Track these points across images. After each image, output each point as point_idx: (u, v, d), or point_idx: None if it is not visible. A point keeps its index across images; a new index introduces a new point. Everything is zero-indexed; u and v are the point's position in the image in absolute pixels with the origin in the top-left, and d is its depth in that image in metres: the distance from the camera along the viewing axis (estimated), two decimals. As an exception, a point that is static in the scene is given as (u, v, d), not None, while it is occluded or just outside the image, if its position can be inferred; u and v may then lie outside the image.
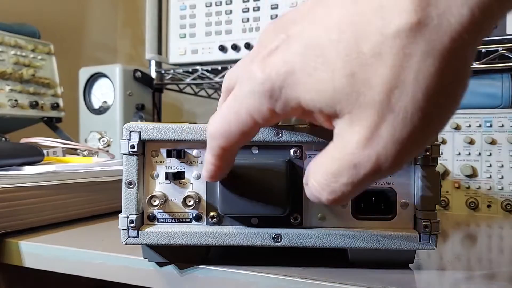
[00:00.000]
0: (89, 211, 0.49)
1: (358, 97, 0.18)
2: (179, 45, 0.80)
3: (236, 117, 0.22)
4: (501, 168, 0.56)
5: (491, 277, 0.30)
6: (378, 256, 0.31)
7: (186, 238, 0.30)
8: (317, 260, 0.32)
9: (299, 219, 0.30)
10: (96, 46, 1.19)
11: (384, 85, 0.18)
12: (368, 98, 0.18)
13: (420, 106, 0.18)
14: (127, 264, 0.34)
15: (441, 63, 0.17)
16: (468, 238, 0.45)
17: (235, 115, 0.22)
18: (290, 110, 0.21)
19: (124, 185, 0.30)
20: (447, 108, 0.18)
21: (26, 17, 0.85)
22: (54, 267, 0.37)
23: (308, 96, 0.20)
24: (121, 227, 0.30)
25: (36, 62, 0.72)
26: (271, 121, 0.22)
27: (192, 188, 0.31)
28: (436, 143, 0.29)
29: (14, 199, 0.41)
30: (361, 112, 0.18)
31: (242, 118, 0.22)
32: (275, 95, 0.20)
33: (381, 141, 0.18)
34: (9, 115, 0.65)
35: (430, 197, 0.29)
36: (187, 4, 0.80)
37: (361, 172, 0.19)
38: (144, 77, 0.83)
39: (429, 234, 0.29)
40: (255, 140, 0.29)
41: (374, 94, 0.18)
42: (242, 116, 0.22)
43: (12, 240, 0.39)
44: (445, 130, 0.59)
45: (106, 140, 0.77)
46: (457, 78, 0.18)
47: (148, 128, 0.30)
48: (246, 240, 0.30)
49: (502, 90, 0.59)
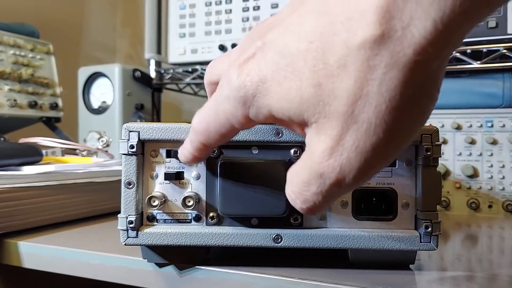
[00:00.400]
0: (88, 211, 0.49)
1: (324, 107, 0.19)
2: (178, 44, 0.80)
3: (215, 118, 0.23)
4: (502, 168, 0.56)
5: (492, 278, 0.30)
6: (379, 257, 0.31)
7: (186, 238, 0.30)
8: (317, 261, 0.32)
9: (299, 219, 0.30)
10: (95, 46, 1.19)
11: (348, 97, 0.18)
12: (333, 108, 0.18)
13: (384, 118, 0.18)
14: (126, 265, 0.34)
15: (405, 75, 0.17)
16: (469, 238, 0.44)
17: (214, 116, 0.23)
18: (263, 117, 0.21)
19: (123, 185, 0.30)
20: (412, 121, 0.18)
21: (25, 17, 0.85)
22: (53, 267, 0.37)
23: (278, 105, 0.20)
24: (120, 228, 0.30)
25: (35, 61, 0.71)
26: (247, 126, 0.23)
27: (191, 189, 0.31)
28: (437, 143, 0.29)
29: (12, 200, 0.40)
30: (327, 122, 0.19)
31: (220, 120, 0.23)
32: (248, 102, 0.21)
33: (344, 152, 0.19)
34: (8, 115, 0.65)
35: (431, 198, 0.29)
36: (186, 3, 0.79)
37: (327, 182, 0.19)
38: (143, 77, 0.82)
39: (430, 235, 0.29)
40: (255, 140, 0.29)
41: (338, 105, 0.18)
42: (220, 118, 0.23)
43: (11, 241, 0.39)
44: (446, 130, 0.58)
45: (105, 140, 0.77)
46: (422, 91, 0.18)
47: (147, 128, 0.30)
48: (246, 241, 0.30)
49: (503, 90, 0.58)
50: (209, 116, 0.24)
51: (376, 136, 0.18)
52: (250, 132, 0.29)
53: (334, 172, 0.19)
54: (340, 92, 0.18)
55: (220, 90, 0.23)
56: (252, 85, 0.21)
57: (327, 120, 0.19)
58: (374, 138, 0.18)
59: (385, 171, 0.30)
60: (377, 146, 0.18)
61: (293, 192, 0.21)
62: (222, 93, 0.22)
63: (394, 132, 0.18)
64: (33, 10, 0.99)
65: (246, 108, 0.21)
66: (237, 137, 0.29)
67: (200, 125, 0.25)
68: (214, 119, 0.24)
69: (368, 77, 0.17)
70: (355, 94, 0.18)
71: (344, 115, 0.18)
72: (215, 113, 0.23)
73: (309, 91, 0.19)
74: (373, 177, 0.21)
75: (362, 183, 0.20)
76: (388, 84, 0.17)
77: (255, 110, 0.21)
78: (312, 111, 0.19)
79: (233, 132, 0.24)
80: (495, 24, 0.57)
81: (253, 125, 0.24)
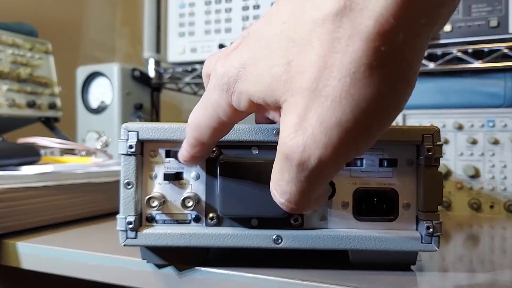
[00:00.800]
0: (87, 212, 0.48)
1: (291, 84, 0.19)
2: (178, 43, 0.80)
3: (205, 111, 0.24)
4: (504, 169, 0.56)
5: (494, 279, 0.30)
6: (380, 258, 0.30)
7: (185, 239, 0.30)
8: (317, 262, 0.32)
9: (300, 220, 0.30)
10: (94, 45, 1.18)
11: (312, 71, 0.18)
12: (299, 84, 0.18)
13: (349, 91, 0.17)
14: (125, 266, 0.33)
15: (367, 46, 0.17)
16: (471, 239, 0.44)
17: (204, 110, 0.24)
18: (244, 104, 0.22)
19: (122, 185, 0.30)
20: (381, 98, 0.18)
21: (23, 16, 0.84)
22: (51, 268, 0.37)
23: (254, 88, 0.20)
24: (119, 228, 0.30)
25: (34, 61, 0.71)
26: (233, 118, 0.23)
27: (191, 189, 0.30)
28: (438, 143, 0.29)
29: (11, 200, 0.40)
30: (293, 99, 0.19)
31: (209, 113, 0.24)
32: (231, 89, 0.21)
33: (309, 128, 0.18)
34: (6, 114, 0.64)
35: (432, 198, 0.29)
36: (186, 2, 0.79)
37: (293, 164, 0.19)
38: (142, 76, 0.82)
39: (431, 235, 0.29)
40: (255, 140, 0.29)
41: (303, 81, 0.18)
42: (209, 110, 0.24)
43: (9, 241, 0.39)
44: (448, 130, 0.58)
45: (104, 140, 0.77)
46: (387, 66, 0.17)
47: (146, 128, 0.30)
48: (246, 242, 0.30)
49: (505, 89, 0.58)
50: (199, 110, 0.24)
51: (341, 111, 0.18)
52: (250, 132, 0.29)
53: (299, 151, 0.18)
54: (305, 67, 0.18)
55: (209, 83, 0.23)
56: (234, 71, 0.21)
57: (293, 97, 0.19)
58: (340, 113, 0.18)
59: (386, 171, 0.30)
60: (343, 122, 0.18)
61: (273, 186, 0.21)
62: (210, 85, 0.23)
63: (361, 109, 0.17)
64: (32, 9, 0.99)
65: (229, 95, 0.22)
66: (237, 137, 0.29)
67: (193, 121, 0.25)
68: (203, 112, 0.24)
69: (331, 50, 0.17)
70: (319, 67, 0.18)
71: (309, 90, 0.18)
72: (205, 107, 0.24)
73: (280, 69, 0.19)
74: (341, 165, 0.19)
75: (328, 169, 0.19)
76: (351, 56, 0.17)
77: (237, 96, 0.22)
78: (281, 90, 0.19)
79: (222, 126, 0.24)
80: (497, 24, 0.56)
81: (239, 118, 0.24)
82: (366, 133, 0.18)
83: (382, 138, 0.29)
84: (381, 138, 0.29)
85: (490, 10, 0.57)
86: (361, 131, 0.18)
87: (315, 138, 0.18)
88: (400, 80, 0.18)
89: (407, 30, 0.17)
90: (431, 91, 0.62)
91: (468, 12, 0.58)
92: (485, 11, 0.57)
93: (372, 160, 0.30)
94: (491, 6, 0.57)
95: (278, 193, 0.21)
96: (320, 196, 0.22)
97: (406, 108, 0.61)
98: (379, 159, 0.30)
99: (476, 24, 0.58)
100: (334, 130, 0.18)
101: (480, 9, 0.57)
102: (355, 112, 0.17)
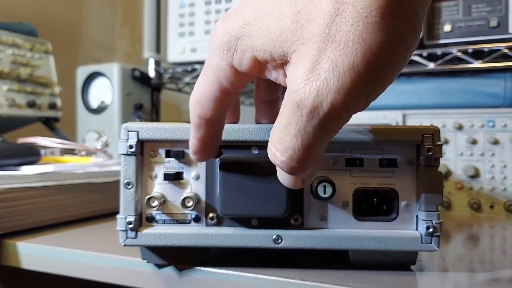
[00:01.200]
0: (87, 212, 0.48)
1: (302, 33, 0.19)
2: (178, 43, 0.80)
3: (205, 80, 0.23)
4: (504, 169, 0.56)
5: (494, 279, 0.30)
6: (380, 258, 0.30)
7: (185, 239, 0.30)
8: (317, 262, 0.32)
9: (300, 220, 0.30)
10: (94, 45, 1.18)
11: (324, 18, 0.18)
12: (310, 31, 0.19)
13: (361, 35, 0.18)
14: (125, 266, 0.33)
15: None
16: (471, 239, 0.44)
17: (204, 79, 0.24)
18: (247, 63, 0.21)
19: (122, 185, 0.30)
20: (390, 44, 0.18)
21: (23, 16, 0.84)
22: (51, 268, 0.37)
23: (259, 42, 0.20)
24: (119, 228, 0.30)
25: (34, 61, 0.71)
26: (235, 83, 0.23)
27: (191, 189, 0.30)
28: (438, 143, 0.29)
29: (11, 200, 0.40)
30: (304, 47, 0.19)
31: (210, 80, 0.23)
32: (233, 47, 0.21)
33: (322, 73, 0.18)
34: (6, 114, 0.64)
35: (432, 198, 0.29)
36: (186, 2, 0.79)
37: (304, 112, 0.19)
38: (142, 76, 0.82)
39: (431, 235, 0.29)
40: (255, 140, 0.29)
41: (315, 27, 0.18)
42: (209, 77, 0.23)
43: (9, 241, 0.39)
44: (448, 130, 0.58)
45: (104, 140, 0.77)
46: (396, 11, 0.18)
47: (146, 128, 0.30)
48: (246, 242, 0.29)
49: (504, 89, 0.58)
50: (199, 82, 0.24)
51: (354, 55, 0.18)
52: (250, 132, 0.29)
53: (311, 96, 0.18)
54: (317, 14, 0.18)
55: (209, 47, 0.23)
56: (236, 29, 0.21)
57: (305, 45, 0.19)
58: (352, 57, 0.18)
59: (386, 171, 0.30)
60: (355, 66, 0.18)
61: (273, 145, 0.21)
62: (210, 50, 0.23)
63: (372, 52, 0.18)
64: (32, 9, 0.99)
65: (231, 54, 0.21)
66: (237, 137, 0.29)
67: (194, 96, 0.24)
68: (204, 82, 0.24)
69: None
70: (331, 13, 0.18)
71: (321, 36, 0.18)
72: (205, 75, 0.23)
73: (288, 19, 0.19)
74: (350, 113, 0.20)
75: (339, 116, 0.19)
76: (363, 2, 0.18)
77: (239, 55, 0.21)
78: (291, 40, 0.19)
79: (224, 95, 0.23)
80: (497, 24, 0.56)
81: (241, 83, 0.23)
82: (376, 78, 0.19)
83: (382, 138, 0.29)
84: (381, 138, 0.29)
85: (490, 10, 0.57)
86: (372, 76, 0.19)
87: (329, 83, 0.18)
88: (408, 26, 0.19)
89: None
90: (431, 91, 0.62)
91: (468, 12, 0.58)
92: (485, 11, 0.57)
93: (372, 160, 0.30)
94: (491, 6, 0.57)
95: (279, 151, 0.20)
96: (318, 157, 0.22)
97: (407, 108, 0.61)
98: (379, 159, 0.30)
99: (476, 24, 0.58)
100: (347, 74, 0.18)
101: (480, 9, 0.57)
102: (366, 56, 0.18)
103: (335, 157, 0.30)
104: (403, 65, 0.20)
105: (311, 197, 0.30)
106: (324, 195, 0.28)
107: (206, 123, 0.25)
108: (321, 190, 0.28)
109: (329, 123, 0.19)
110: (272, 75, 0.22)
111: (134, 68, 0.81)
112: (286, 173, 0.22)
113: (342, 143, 0.29)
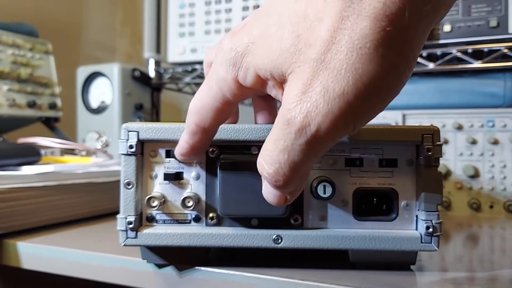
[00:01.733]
0: (87, 212, 0.48)
1: (299, 56, 0.20)
2: (178, 43, 0.80)
3: (208, 91, 0.24)
4: (504, 169, 0.56)
5: (493, 279, 0.30)
6: (380, 258, 0.30)
7: (185, 239, 0.30)
8: (317, 262, 0.32)
9: (300, 220, 0.30)
10: (94, 45, 1.18)
11: (321, 44, 0.19)
12: (307, 56, 0.20)
13: (354, 65, 0.19)
14: (126, 266, 0.33)
15: (374, 25, 0.18)
16: (470, 239, 0.44)
17: (207, 90, 0.24)
18: (250, 79, 0.22)
19: (122, 185, 0.30)
20: (382, 74, 0.19)
21: (24, 16, 0.84)
22: (52, 268, 0.37)
23: (261, 61, 0.21)
24: (120, 228, 0.30)
25: (34, 61, 0.71)
26: (237, 95, 0.24)
27: (191, 189, 0.30)
28: (438, 143, 0.29)
29: (11, 200, 0.40)
30: (300, 69, 0.20)
31: (213, 91, 0.24)
32: (238, 63, 0.22)
33: (313, 96, 0.19)
34: (7, 114, 0.64)
35: (432, 198, 0.29)
36: (186, 2, 0.79)
37: (293, 129, 0.20)
38: (143, 76, 0.82)
39: (431, 235, 0.29)
40: (255, 140, 0.29)
41: (312, 53, 0.19)
42: (213, 89, 0.24)
43: (9, 241, 0.39)
44: (447, 130, 0.58)
45: (104, 140, 0.77)
46: (391, 44, 0.19)
47: (146, 128, 0.30)
48: (246, 242, 0.30)
49: (504, 89, 0.58)
50: (202, 92, 0.25)
51: (345, 83, 0.19)
52: (250, 132, 0.29)
53: (301, 117, 0.19)
54: (315, 41, 0.19)
55: (214, 62, 0.24)
56: (242, 46, 0.22)
57: (301, 67, 0.20)
58: (344, 85, 0.19)
59: (386, 171, 0.30)
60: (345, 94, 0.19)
61: (263, 158, 0.22)
62: (216, 63, 0.24)
63: (363, 82, 0.19)
64: (32, 9, 0.99)
65: (236, 69, 0.22)
66: (237, 137, 0.29)
67: (194, 105, 0.25)
68: (207, 93, 0.24)
69: (341, 26, 0.19)
70: (328, 41, 0.19)
71: (317, 61, 0.19)
72: (209, 86, 0.24)
73: (289, 42, 0.20)
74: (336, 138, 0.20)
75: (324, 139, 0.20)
76: (359, 33, 0.18)
77: (244, 71, 0.22)
78: (289, 61, 0.20)
79: (225, 106, 0.24)
80: (496, 24, 0.56)
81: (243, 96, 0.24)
82: (365, 107, 0.20)
83: (382, 138, 0.29)
84: (381, 138, 0.29)
85: (490, 10, 0.57)
86: (361, 104, 0.19)
87: (318, 106, 0.19)
88: (401, 60, 0.19)
89: (412, 13, 0.18)
90: (431, 91, 0.62)
91: (468, 12, 0.58)
92: (485, 11, 0.57)
93: (372, 160, 0.30)
94: (491, 6, 0.57)
95: (267, 164, 0.21)
96: (303, 176, 0.23)
97: (406, 108, 0.61)
98: (379, 159, 0.30)
99: (476, 24, 0.58)
100: (336, 100, 0.19)
101: (480, 9, 0.57)
102: (357, 85, 0.19)
103: (335, 157, 0.30)
104: (394, 95, 0.20)
105: (311, 197, 0.30)
106: (324, 195, 0.28)
107: (203, 131, 0.26)
108: (321, 190, 0.28)
109: (315, 143, 0.20)
110: (272, 92, 0.23)
111: (134, 68, 0.81)
112: (271, 188, 0.23)
113: (341, 143, 0.29)
